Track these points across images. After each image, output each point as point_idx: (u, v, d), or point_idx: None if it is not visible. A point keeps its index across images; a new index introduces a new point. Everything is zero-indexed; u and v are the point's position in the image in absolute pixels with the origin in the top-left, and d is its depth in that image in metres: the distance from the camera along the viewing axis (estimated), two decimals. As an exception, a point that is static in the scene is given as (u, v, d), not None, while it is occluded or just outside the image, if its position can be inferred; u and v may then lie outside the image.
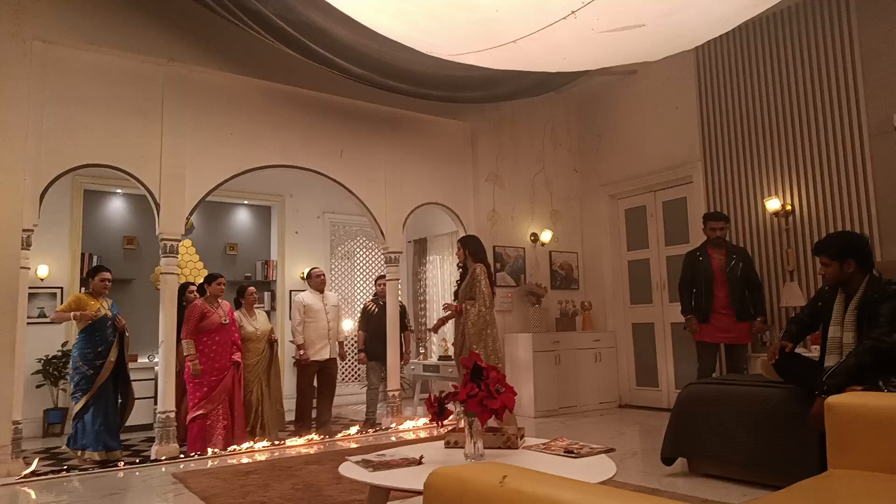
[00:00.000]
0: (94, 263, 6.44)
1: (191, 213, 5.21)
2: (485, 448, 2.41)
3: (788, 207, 5.68)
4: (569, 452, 2.47)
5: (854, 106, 5.32)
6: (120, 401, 4.99)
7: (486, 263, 5.30)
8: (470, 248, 5.30)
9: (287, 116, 5.74)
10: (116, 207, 7.28)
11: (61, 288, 6.56)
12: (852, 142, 5.32)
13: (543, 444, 2.66)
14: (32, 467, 4.38)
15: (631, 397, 7.08)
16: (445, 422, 2.56)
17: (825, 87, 5.51)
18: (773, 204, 5.72)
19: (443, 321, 5.32)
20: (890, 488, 1.87)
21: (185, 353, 5.07)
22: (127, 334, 5.04)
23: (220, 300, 5.36)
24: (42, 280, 6.41)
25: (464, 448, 2.40)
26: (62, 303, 6.42)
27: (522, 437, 2.71)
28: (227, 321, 5.29)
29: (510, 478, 1.10)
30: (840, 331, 3.20)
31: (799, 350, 3.70)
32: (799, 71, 5.70)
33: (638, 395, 7.03)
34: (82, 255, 6.75)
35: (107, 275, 4.98)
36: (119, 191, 7.16)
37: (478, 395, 2.30)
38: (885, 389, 2.92)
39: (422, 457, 2.42)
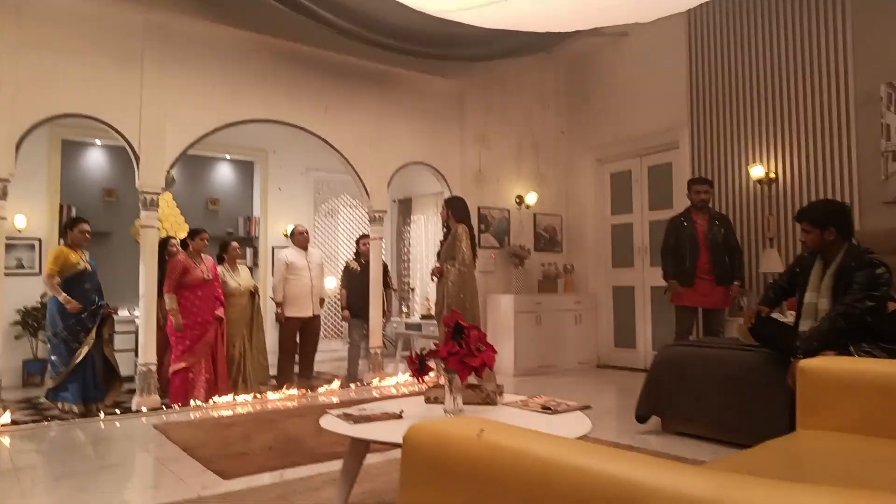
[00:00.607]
0: (73, 215, 6.34)
1: (171, 167, 5.12)
2: (464, 404, 2.45)
3: (772, 175, 5.72)
4: (546, 409, 2.52)
5: (842, 75, 5.31)
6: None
7: (469, 225, 5.31)
8: (453, 209, 5.29)
9: (271, 69, 5.61)
10: (95, 159, 7.14)
11: (39, 239, 6.47)
12: (838, 111, 5.33)
13: (521, 400, 2.71)
14: (7, 416, 4.34)
15: (609, 358, 7.21)
16: (426, 378, 2.60)
17: (814, 54, 5.49)
18: (757, 171, 5.75)
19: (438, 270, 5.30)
20: (853, 448, 1.94)
21: (167, 308, 5.06)
22: (112, 329, 4.97)
23: (202, 255, 5.32)
24: (20, 231, 6.30)
25: (443, 403, 2.44)
26: (40, 255, 6.36)
27: (501, 393, 2.75)
28: (210, 276, 5.26)
29: (487, 431, 1.11)
30: (816, 297, 3.26)
31: (775, 315, 3.77)
32: (789, 38, 5.66)
33: (616, 356, 7.16)
34: (60, 206, 6.64)
35: (86, 226, 4.90)
36: (98, 142, 7.01)
37: (459, 353, 2.33)
38: (856, 355, 3.00)
39: (402, 411, 2.46)
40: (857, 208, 5.13)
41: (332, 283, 7.50)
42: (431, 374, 2.62)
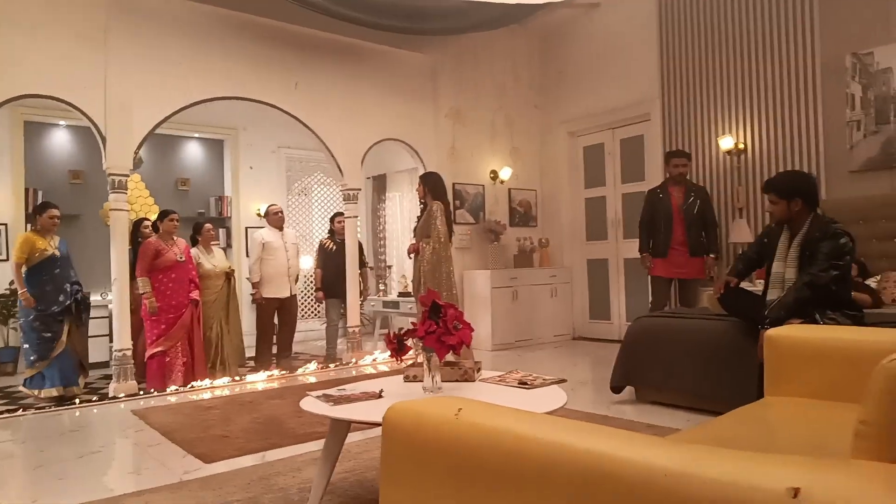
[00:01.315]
0: (39, 199, 6.20)
1: (139, 147, 5.02)
2: (442, 381, 2.48)
3: (741, 146, 5.80)
4: (522, 384, 2.56)
5: (809, 45, 5.37)
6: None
7: (445, 201, 5.30)
8: (429, 185, 5.28)
9: (239, 45, 5.49)
10: (60, 140, 6.96)
11: (5, 224, 6.31)
12: (805, 82, 5.41)
13: (499, 376, 2.75)
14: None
15: (584, 330, 7.32)
16: (404, 357, 2.62)
17: (783, 24, 5.54)
18: (726, 142, 5.83)
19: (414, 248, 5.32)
20: (819, 413, 2.01)
21: (139, 291, 5.00)
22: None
23: (174, 237, 5.24)
24: (-16, 216, 6.15)
25: (422, 382, 2.46)
26: (7, 240, 6.21)
27: (479, 370, 2.79)
28: (183, 258, 5.20)
29: (465, 410, 1.14)
30: (783, 267, 3.33)
31: (744, 285, 3.85)
32: (757, 9, 5.70)
33: (591, 328, 7.27)
34: (26, 190, 6.47)
35: (55, 212, 4.81)
36: (62, 122, 6.82)
37: (436, 332, 2.35)
38: (821, 323, 3.09)
39: (381, 391, 2.48)
40: (824, 177, 5.24)
41: (307, 263, 7.46)
42: (410, 352, 2.64)
